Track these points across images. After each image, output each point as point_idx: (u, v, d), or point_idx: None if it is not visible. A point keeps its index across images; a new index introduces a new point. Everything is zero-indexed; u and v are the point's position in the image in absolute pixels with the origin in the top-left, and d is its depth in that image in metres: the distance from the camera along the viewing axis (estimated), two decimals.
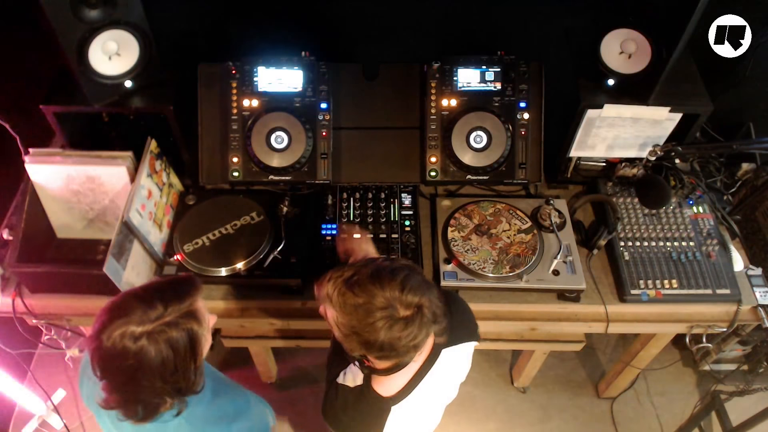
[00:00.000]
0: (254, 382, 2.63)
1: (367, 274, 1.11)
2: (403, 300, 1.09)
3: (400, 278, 1.10)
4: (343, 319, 1.12)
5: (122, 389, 1.11)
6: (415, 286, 1.10)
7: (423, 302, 1.10)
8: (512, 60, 1.91)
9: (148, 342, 1.07)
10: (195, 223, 1.85)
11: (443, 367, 1.31)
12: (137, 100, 1.78)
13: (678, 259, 1.86)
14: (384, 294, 1.08)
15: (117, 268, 1.59)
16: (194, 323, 1.14)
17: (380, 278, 1.10)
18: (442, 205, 1.94)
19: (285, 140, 1.88)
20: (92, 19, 1.61)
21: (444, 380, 1.35)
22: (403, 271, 1.12)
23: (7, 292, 1.80)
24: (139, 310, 1.09)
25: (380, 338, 1.09)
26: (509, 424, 2.58)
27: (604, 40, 1.76)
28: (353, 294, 1.10)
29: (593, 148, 1.94)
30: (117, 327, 1.07)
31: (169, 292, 1.14)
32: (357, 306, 1.10)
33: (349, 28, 2.15)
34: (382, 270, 1.12)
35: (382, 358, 1.16)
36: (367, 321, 1.09)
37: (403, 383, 1.26)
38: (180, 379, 1.14)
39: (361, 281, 1.11)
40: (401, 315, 1.09)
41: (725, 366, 2.58)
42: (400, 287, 1.09)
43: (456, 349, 1.34)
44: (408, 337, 1.10)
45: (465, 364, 1.42)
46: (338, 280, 1.14)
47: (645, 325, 1.85)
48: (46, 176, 1.76)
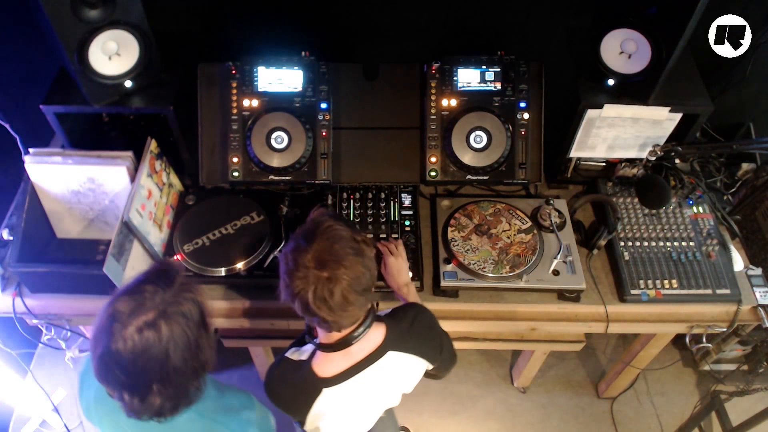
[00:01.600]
0: (254, 382, 2.62)
1: (329, 224, 1.20)
2: (321, 259, 1.15)
3: (341, 251, 1.16)
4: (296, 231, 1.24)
5: (158, 387, 1.07)
6: (343, 263, 1.15)
7: (336, 278, 1.14)
8: (512, 60, 1.91)
9: (166, 323, 1.05)
10: (195, 223, 1.85)
11: (386, 368, 1.32)
12: (137, 100, 1.78)
13: (678, 259, 1.86)
14: (320, 244, 1.16)
15: (117, 268, 1.59)
16: (195, 293, 1.13)
17: (329, 234, 1.18)
18: (442, 205, 1.94)
19: (285, 140, 1.88)
20: (92, 19, 1.61)
21: (384, 381, 1.36)
22: (353, 252, 1.18)
23: (7, 292, 1.80)
24: (141, 300, 1.06)
25: (284, 263, 1.19)
26: (509, 424, 2.58)
27: (604, 40, 1.76)
28: (312, 227, 1.20)
29: (593, 148, 1.94)
30: (128, 325, 1.03)
31: (157, 277, 1.12)
32: (302, 233, 1.21)
33: (349, 28, 2.15)
34: (339, 233, 1.19)
35: (283, 293, 1.21)
36: (298, 245, 1.19)
37: (341, 368, 1.29)
38: (203, 354, 1.12)
39: (318, 223, 1.20)
40: (308, 265, 1.15)
41: (725, 366, 2.58)
42: (332, 252, 1.16)
43: (404, 356, 1.35)
44: (298, 286, 1.16)
45: (410, 376, 1.42)
46: (321, 214, 1.26)
47: (645, 325, 1.85)
48: (46, 176, 1.76)
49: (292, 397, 1.32)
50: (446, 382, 2.68)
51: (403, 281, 1.62)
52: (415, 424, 2.54)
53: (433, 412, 2.59)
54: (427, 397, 2.61)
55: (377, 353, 1.30)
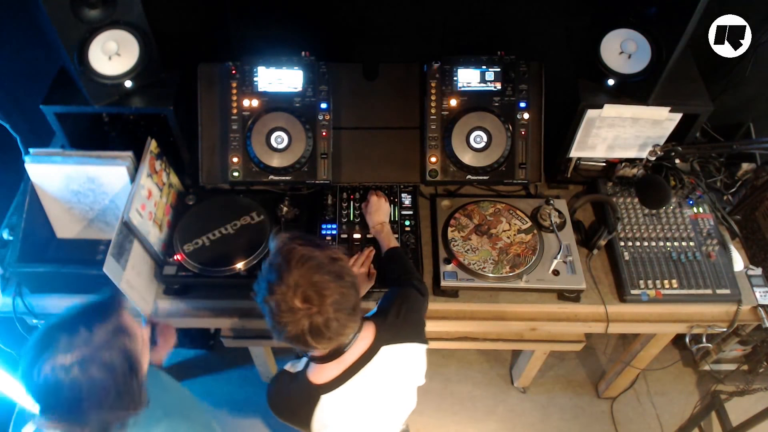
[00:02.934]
0: (254, 382, 2.63)
1: (300, 253, 1.17)
2: (303, 293, 1.13)
3: (317, 278, 1.15)
4: (264, 266, 1.21)
5: (69, 426, 1.05)
6: (323, 293, 1.14)
7: (320, 309, 1.14)
8: (512, 60, 1.91)
9: (80, 370, 1.01)
10: (195, 223, 1.85)
11: (382, 364, 1.32)
12: (137, 100, 1.78)
13: (678, 259, 1.86)
14: (294, 275, 1.14)
15: (117, 268, 1.59)
16: (125, 339, 1.09)
17: (303, 263, 1.16)
18: (442, 205, 1.94)
19: (285, 140, 1.88)
20: (92, 19, 1.61)
21: (385, 378, 1.35)
22: (329, 276, 1.16)
23: (7, 292, 1.80)
24: (63, 339, 1.02)
25: (266, 302, 1.16)
26: (509, 424, 2.58)
27: (604, 40, 1.76)
28: (281, 257, 1.18)
29: (593, 148, 1.94)
30: (44, 362, 1.01)
31: (91, 313, 1.09)
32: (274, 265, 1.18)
33: (349, 28, 2.15)
34: (312, 259, 1.17)
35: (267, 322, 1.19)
36: (269, 282, 1.16)
37: (335, 373, 1.28)
38: (123, 400, 1.08)
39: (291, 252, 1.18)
40: (293, 302, 1.13)
41: (725, 366, 2.58)
42: (311, 283, 1.14)
43: (399, 347, 1.35)
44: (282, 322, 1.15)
45: (414, 365, 1.42)
46: (287, 240, 1.23)
47: (645, 325, 1.85)
48: (46, 176, 1.76)
49: (293, 409, 1.32)
50: (446, 382, 2.68)
51: (379, 219, 1.79)
52: (415, 424, 2.54)
53: (433, 412, 2.59)
54: (427, 397, 2.60)
55: (370, 352, 1.30)
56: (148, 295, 1.77)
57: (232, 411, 2.56)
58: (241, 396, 2.60)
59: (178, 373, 2.66)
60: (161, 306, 1.82)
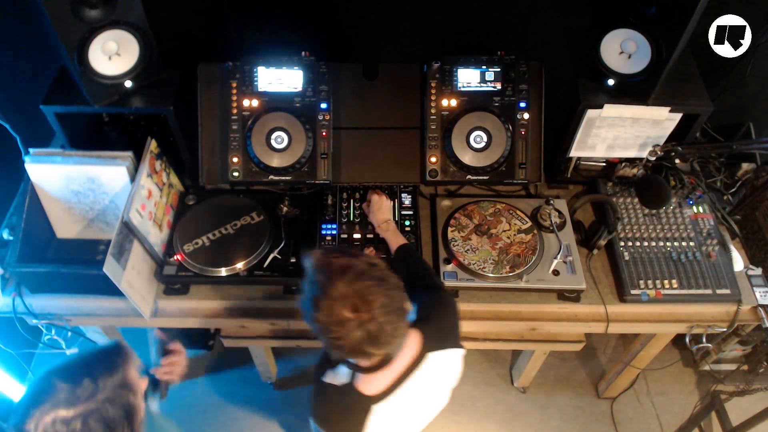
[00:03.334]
0: (254, 382, 2.63)
1: (339, 264, 1.16)
2: (351, 303, 1.11)
3: (361, 285, 1.13)
4: (305, 287, 1.19)
5: None
6: (371, 299, 1.12)
7: (371, 316, 1.11)
8: (512, 60, 1.91)
9: (82, 426, 0.98)
10: (195, 223, 1.85)
11: (430, 371, 1.31)
12: (137, 100, 1.78)
13: (678, 259, 1.86)
14: (339, 287, 1.12)
15: (117, 268, 1.59)
16: (129, 395, 1.06)
17: (344, 274, 1.14)
18: (442, 205, 1.94)
19: (285, 140, 1.88)
20: (92, 19, 1.61)
21: (431, 384, 1.34)
22: (373, 281, 1.14)
23: (7, 292, 1.80)
24: (66, 391, 0.99)
25: (317, 320, 1.14)
26: (509, 424, 2.58)
27: (604, 40, 1.76)
28: (320, 272, 1.16)
29: (593, 148, 1.94)
30: (44, 413, 0.97)
31: (97, 366, 1.05)
32: (316, 282, 1.16)
33: (349, 28, 2.15)
34: (352, 268, 1.15)
35: (321, 341, 1.18)
36: (314, 300, 1.14)
37: (386, 383, 1.27)
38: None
39: (330, 265, 1.16)
40: (343, 314, 1.11)
41: (725, 366, 2.58)
42: (357, 292, 1.12)
43: (444, 353, 1.34)
44: (337, 335, 1.13)
45: (454, 370, 1.41)
46: (320, 255, 1.22)
47: (645, 325, 1.85)
48: (46, 176, 1.76)
49: (345, 422, 1.29)
50: None
51: (383, 218, 1.79)
52: None
53: None
54: None
55: (418, 359, 1.29)
56: (148, 295, 1.77)
57: (232, 411, 2.56)
58: (241, 396, 2.61)
59: None
60: (161, 306, 1.82)
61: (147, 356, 2.68)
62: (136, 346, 2.49)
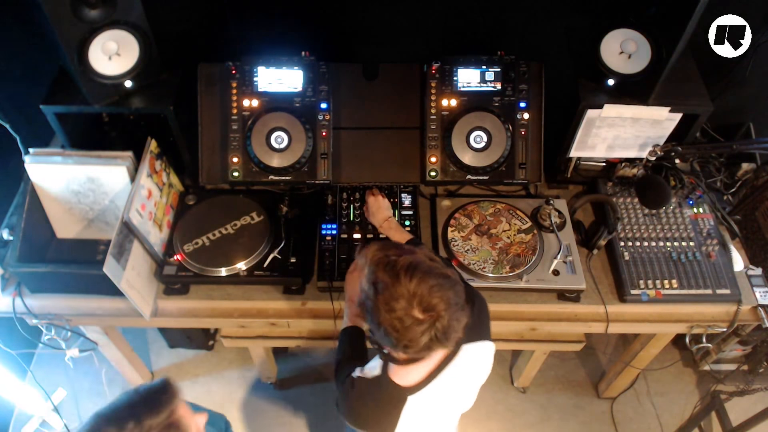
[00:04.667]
0: (254, 382, 2.63)
1: (404, 262, 1.12)
2: (422, 302, 1.09)
3: (432, 283, 1.10)
4: (365, 286, 1.15)
5: None
6: (441, 297, 1.10)
7: (440, 314, 1.09)
8: (512, 60, 1.91)
9: None
10: (195, 223, 1.85)
11: (464, 363, 1.30)
12: (137, 100, 1.78)
13: (678, 259, 1.86)
14: (408, 287, 1.09)
15: (117, 268, 1.59)
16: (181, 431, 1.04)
17: (413, 272, 1.11)
18: (442, 205, 1.94)
19: (285, 140, 1.88)
20: (92, 19, 1.61)
21: (464, 377, 1.34)
22: (439, 278, 1.12)
23: (7, 292, 1.80)
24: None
25: (383, 322, 1.11)
26: (509, 424, 2.58)
27: (604, 40, 1.76)
28: (383, 271, 1.12)
29: (593, 148, 1.94)
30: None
31: (142, 406, 1.04)
32: (380, 282, 1.11)
33: (349, 28, 2.15)
34: (419, 265, 1.12)
35: (384, 341, 1.16)
36: (379, 300, 1.11)
37: (422, 375, 1.26)
38: None
39: (395, 264, 1.12)
40: (413, 315, 1.09)
41: (725, 366, 2.58)
42: (428, 290, 1.09)
43: (478, 345, 1.33)
44: (407, 337, 1.10)
45: (485, 365, 1.41)
46: (378, 252, 1.17)
47: (645, 325, 1.85)
48: (46, 176, 1.76)
49: (378, 414, 1.28)
50: None
51: (383, 216, 1.78)
52: None
53: None
54: None
55: (453, 352, 1.28)
56: (148, 295, 1.77)
57: (232, 411, 2.56)
58: (241, 396, 2.61)
59: (178, 373, 2.67)
60: (161, 306, 1.82)
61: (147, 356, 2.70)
62: (136, 346, 2.51)
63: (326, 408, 2.56)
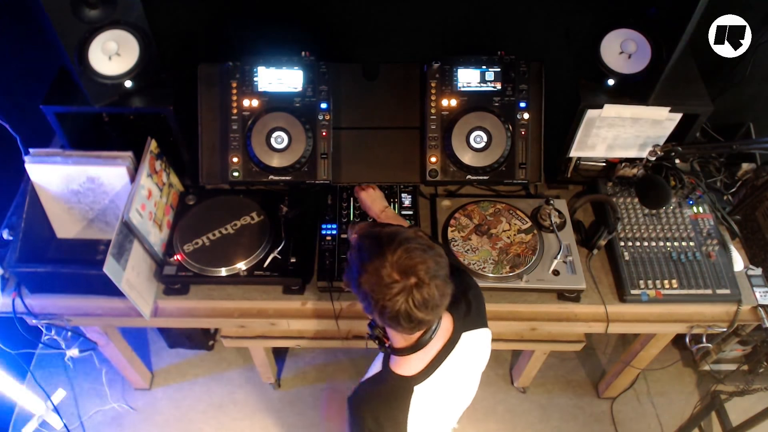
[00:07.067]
0: (254, 382, 2.63)
1: (389, 231, 1.18)
2: (401, 266, 1.12)
3: (412, 248, 1.14)
4: (352, 255, 1.21)
5: None
6: (421, 262, 1.13)
7: (420, 279, 1.12)
8: (512, 60, 1.91)
9: None
10: (195, 223, 1.85)
11: (464, 351, 1.31)
12: (137, 100, 1.78)
13: (678, 259, 1.86)
14: (389, 252, 1.13)
15: (117, 268, 1.59)
16: None
17: (394, 239, 1.15)
18: (442, 205, 1.94)
19: (285, 140, 1.88)
20: (92, 19, 1.61)
21: (466, 365, 1.35)
22: (422, 247, 1.15)
23: (7, 292, 1.80)
24: None
25: (363, 284, 1.15)
26: (509, 424, 2.58)
27: (604, 40, 1.76)
28: (368, 239, 1.19)
29: (593, 148, 1.94)
30: None
31: None
32: (364, 249, 1.17)
33: (349, 28, 2.15)
34: (401, 234, 1.17)
35: (365, 305, 1.18)
36: (361, 266, 1.15)
37: (423, 364, 1.27)
38: None
39: (379, 233, 1.18)
40: (392, 275, 1.12)
41: (725, 366, 2.58)
42: (407, 255, 1.13)
43: (476, 333, 1.35)
44: (384, 297, 1.12)
45: (484, 351, 1.43)
46: (366, 226, 1.28)
47: (645, 325, 1.85)
48: (46, 176, 1.76)
49: (388, 407, 1.27)
50: None
51: (379, 207, 1.76)
52: None
53: None
54: None
55: (452, 341, 1.30)
56: (148, 295, 1.77)
57: (232, 411, 2.56)
58: (241, 396, 2.61)
59: (178, 373, 2.67)
60: (161, 306, 1.82)
61: (147, 356, 2.70)
62: (136, 346, 2.51)
63: (326, 408, 2.56)
